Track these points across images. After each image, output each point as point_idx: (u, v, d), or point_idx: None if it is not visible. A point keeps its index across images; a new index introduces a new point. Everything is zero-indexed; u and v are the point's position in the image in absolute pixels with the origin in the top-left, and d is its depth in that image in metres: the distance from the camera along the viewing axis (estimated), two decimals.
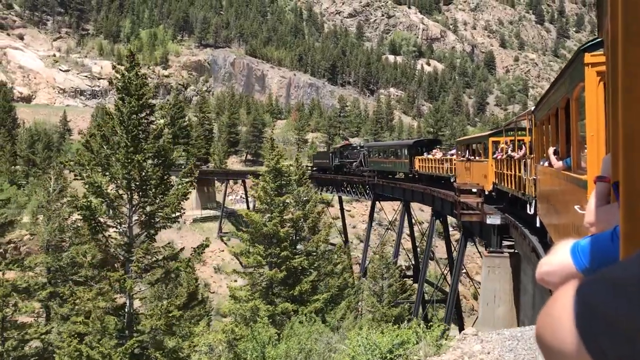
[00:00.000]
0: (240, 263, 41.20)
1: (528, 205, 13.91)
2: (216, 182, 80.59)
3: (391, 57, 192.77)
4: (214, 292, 58.54)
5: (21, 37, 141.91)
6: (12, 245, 50.75)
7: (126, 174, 16.33)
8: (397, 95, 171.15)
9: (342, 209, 59.16)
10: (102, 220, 16.64)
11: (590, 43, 6.62)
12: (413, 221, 42.11)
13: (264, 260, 20.44)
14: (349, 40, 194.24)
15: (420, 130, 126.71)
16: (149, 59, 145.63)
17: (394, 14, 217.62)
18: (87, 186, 15.60)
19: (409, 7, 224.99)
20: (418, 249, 46.24)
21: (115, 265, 16.39)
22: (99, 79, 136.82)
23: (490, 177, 20.78)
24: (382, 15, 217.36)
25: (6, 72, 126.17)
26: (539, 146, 11.71)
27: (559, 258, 1.21)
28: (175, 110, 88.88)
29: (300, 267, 20.02)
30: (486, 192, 20.24)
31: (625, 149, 0.93)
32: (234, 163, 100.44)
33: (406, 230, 45.74)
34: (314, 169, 62.94)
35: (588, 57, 6.33)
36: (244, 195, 75.59)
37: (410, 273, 46.58)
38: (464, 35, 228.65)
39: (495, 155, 20.16)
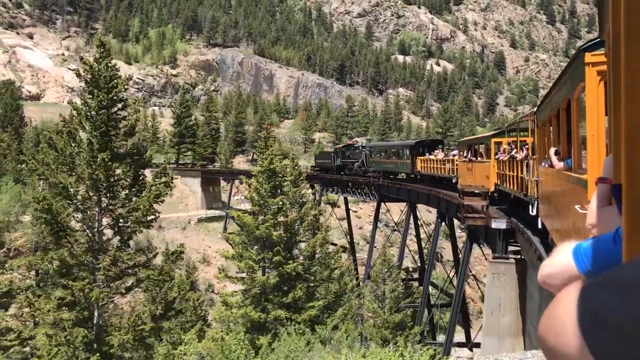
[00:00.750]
0: None
1: (530, 207, 13.54)
2: (222, 181, 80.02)
3: (400, 57, 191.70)
4: (217, 293, 57.87)
5: (30, 36, 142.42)
6: (15, 244, 50.28)
7: (92, 174, 15.14)
8: (406, 96, 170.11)
9: (347, 210, 58.35)
10: (68, 223, 15.56)
11: (591, 43, 6.58)
12: (420, 222, 41.28)
13: (256, 265, 19.61)
14: (358, 40, 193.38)
15: (428, 131, 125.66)
16: (157, 58, 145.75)
17: (404, 14, 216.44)
18: (50, 187, 14.68)
19: (419, 7, 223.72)
20: (425, 250, 45.34)
21: (84, 273, 15.39)
22: None
23: (492, 178, 20.47)
24: (392, 15, 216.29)
25: (15, 70, 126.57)
26: (541, 147, 11.53)
27: (561, 260, 1.20)
28: (181, 110, 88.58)
29: (295, 273, 19.15)
30: (488, 193, 19.77)
31: (628, 144, 0.93)
32: (240, 162, 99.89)
33: (413, 231, 44.89)
34: (317, 168, 62.32)
35: (589, 57, 6.29)
36: None
37: (417, 275, 45.82)
38: (474, 35, 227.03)
39: (497, 156, 19.86)
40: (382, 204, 44.59)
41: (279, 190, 20.23)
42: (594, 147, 6.06)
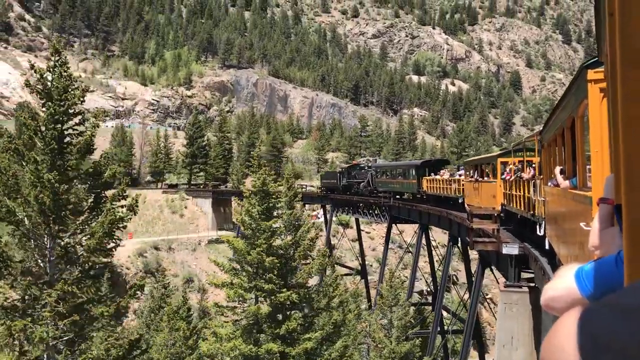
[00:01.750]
0: None
1: (537, 227, 13.05)
2: (233, 202, 79.24)
3: (415, 78, 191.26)
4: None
5: (48, 59, 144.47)
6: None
7: (37, 197, 13.52)
8: (420, 115, 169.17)
9: (358, 231, 57.14)
10: (8, 252, 14.22)
11: (593, 60, 6.53)
12: (434, 244, 40.03)
13: (247, 294, 18.47)
14: (373, 60, 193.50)
15: (443, 151, 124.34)
16: (173, 79, 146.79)
17: (418, 35, 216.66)
18: None
19: (434, 28, 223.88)
20: (440, 272, 43.99)
21: (33, 309, 14.05)
22: (122, 99, 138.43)
23: (498, 198, 20.00)
24: (406, 36, 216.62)
25: (32, 92, 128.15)
26: (547, 167, 11.37)
27: (564, 283, 1.20)
28: (193, 130, 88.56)
29: (289, 302, 17.90)
30: (494, 213, 19.01)
31: (627, 143, 0.89)
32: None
33: (427, 253, 43.56)
34: (323, 189, 61.48)
35: (591, 74, 6.29)
36: None
37: (431, 299, 44.40)
38: (489, 55, 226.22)
39: (504, 176, 19.45)
40: (394, 225, 43.42)
41: (273, 213, 19.20)
42: (598, 164, 6.00)
